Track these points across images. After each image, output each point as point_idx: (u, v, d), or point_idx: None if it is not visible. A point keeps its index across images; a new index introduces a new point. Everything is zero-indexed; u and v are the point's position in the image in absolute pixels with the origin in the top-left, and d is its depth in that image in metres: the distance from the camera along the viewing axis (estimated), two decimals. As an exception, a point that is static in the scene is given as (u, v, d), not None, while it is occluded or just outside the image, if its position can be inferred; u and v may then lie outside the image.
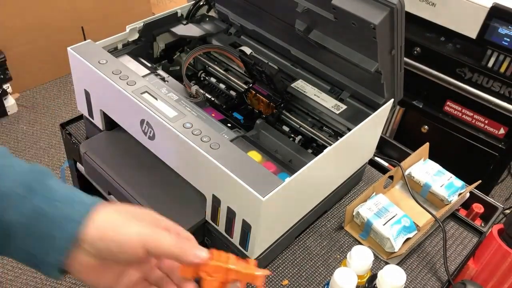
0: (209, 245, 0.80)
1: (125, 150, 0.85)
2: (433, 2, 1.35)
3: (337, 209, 0.91)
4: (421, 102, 1.53)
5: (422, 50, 1.44)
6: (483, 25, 1.29)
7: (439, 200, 0.91)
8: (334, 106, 0.87)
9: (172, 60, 1.03)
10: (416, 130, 1.57)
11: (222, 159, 0.67)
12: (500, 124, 1.40)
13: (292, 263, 0.81)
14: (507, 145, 1.41)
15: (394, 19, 0.69)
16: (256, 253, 0.73)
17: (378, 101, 0.85)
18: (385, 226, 0.82)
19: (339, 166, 0.84)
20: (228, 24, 1.05)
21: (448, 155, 1.50)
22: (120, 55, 0.92)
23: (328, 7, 0.73)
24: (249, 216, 0.67)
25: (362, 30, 0.71)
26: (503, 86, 1.35)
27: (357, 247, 0.71)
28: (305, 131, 0.88)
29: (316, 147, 0.87)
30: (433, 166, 0.95)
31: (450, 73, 1.42)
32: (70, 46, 0.83)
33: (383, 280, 0.65)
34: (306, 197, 0.79)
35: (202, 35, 1.00)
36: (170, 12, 0.99)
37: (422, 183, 0.92)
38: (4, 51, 2.14)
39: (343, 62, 0.85)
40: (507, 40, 1.27)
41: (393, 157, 1.03)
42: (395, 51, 0.76)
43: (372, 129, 0.86)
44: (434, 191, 0.90)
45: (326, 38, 0.84)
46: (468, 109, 1.44)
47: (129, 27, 0.92)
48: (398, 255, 0.82)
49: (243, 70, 0.97)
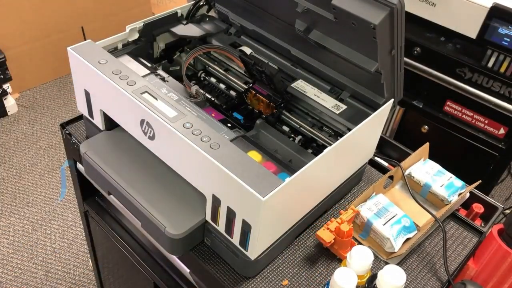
0: (209, 245, 0.80)
1: (125, 150, 0.85)
2: (433, 2, 1.35)
3: (337, 209, 0.91)
4: (421, 102, 1.53)
5: (422, 50, 1.44)
6: (483, 25, 1.29)
7: (439, 200, 0.91)
8: (334, 106, 0.87)
9: (172, 60, 1.03)
10: (416, 130, 1.57)
11: (222, 159, 0.67)
12: (500, 124, 1.40)
13: (292, 263, 0.81)
14: (507, 145, 1.41)
15: (394, 19, 0.69)
16: (256, 253, 0.73)
17: (378, 101, 0.85)
18: (385, 226, 0.82)
19: (339, 166, 0.84)
20: (228, 24, 1.05)
21: (448, 155, 1.50)
22: (120, 55, 0.92)
23: (328, 7, 0.73)
24: (249, 216, 0.67)
25: (362, 30, 0.71)
26: (503, 86, 1.35)
27: (357, 247, 0.71)
28: (305, 131, 0.88)
29: (316, 147, 0.87)
30: (433, 166, 0.95)
31: (450, 73, 1.42)
32: (70, 46, 0.83)
33: (383, 280, 0.65)
34: (306, 197, 0.79)
35: (202, 35, 1.00)
36: (170, 12, 0.99)
37: (422, 183, 0.92)
38: (4, 51, 2.14)
39: (343, 62, 0.85)
40: (507, 40, 1.27)
41: (393, 157, 1.03)
42: (395, 51, 0.76)
43: (372, 129, 0.86)
44: (434, 191, 0.90)
45: (326, 38, 0.84)
46: (468, 109, 1.44)
47: (129, 27, 0.92)
48: (398, 255, 0.82)
49: (243, 70, 0.98)
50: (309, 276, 0.80)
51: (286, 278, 0.79)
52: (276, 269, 0.80)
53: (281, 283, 0.78)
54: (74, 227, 1.89)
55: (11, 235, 1.84)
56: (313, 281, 0.79)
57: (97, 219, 1.11)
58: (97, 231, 1.18)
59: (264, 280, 0.78)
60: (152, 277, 0.99)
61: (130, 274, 1.09)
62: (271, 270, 0.80)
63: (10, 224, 1.88)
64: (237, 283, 0.77)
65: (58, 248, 1.82)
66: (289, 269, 0.81)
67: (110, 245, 1.10)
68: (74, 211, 1.95)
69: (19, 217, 1.91)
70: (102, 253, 1.28)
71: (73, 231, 1.88)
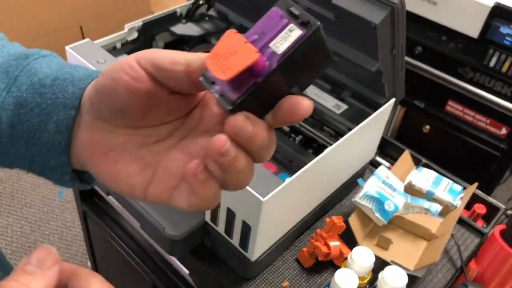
0: (209, 246, 0.80)
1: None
2: (435, 1, 1.34)
3: (338, 210, 0.91)
4: (423, 102, 1.52)
5: (424, 49, 1.43)
6: (485, 24, 1.28)
7: (444, 205, 0.89)
8: (334, 106, 0.87)
9: (172, 60, 1.02)
10: (417, 130, 1.56)
11: (222, 160, 0.66)
12: (502, 124, 1.39)
13: (292, 265, 0.81)
14: (509, 145, 1.40)
15: (395, 18, 0.69)
16: (256, 254, 0.72)
17: (379, 100, 0.84)
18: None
19: (340, 166, 0.83)
20: (228, 23, 1.05)
21: (450, 155, 1.49)
22: (119, 54, 0.91)
23: (329, 7, 0.72)
24: (249, 217, 0.66)
25: (363, 30, 0.70)
26: (505, 86, 1.34)
27: (357, 248, 0.70)
28: (306, 131, 0.88)
29: (316, 147, 0.86)
30: (429, 173, 0.93)
31: (451, 72, 1.41)
32: (69, 45, 0.82)
33: (384, 282, 0.65)
34: (307, 197, 0.78)
35: (201, 34, 0.99)
36: (169, 11, 0.98)
37: (425, 191, 0.89)
38: (3, 51, 2.14)
39: (344, 62, 0.84)
40: (509, 40, 1.27)
41: (395, 157, 1.02)
42: (396, 50, 0.75)
43: (373, 129, 0.85)
44: (438, 197, 0.88)
45: (326, 37, 0.83)
46: (470, 109, 1.43)
47: (128, 26, 0.91)
48: (422, 267, 0.80)
49: (243, 70, 0.97)
50: (310, 277, 0.79)
51: (286, 279, 0.79)
52: (276, 270, 0.80)
53: (281, 284, 0.78)
54: (72, 228, 1.89)
55: (9, 236, 1.83)
56: (313, 282, 0.78)
57: (96, 220, 1.10)
58: (96, 232, 1.18)
59: (264, 282, 0.78)
60: (151, 279, 0.99)
61: (129, 275, 1.08)
62: (271, 271, 0.79)
63: (8, 225, 1.87)
64: (237, 285, 0.77)
65: (57, 249, 1.81)
66: (289, 271, 0.80)
67: (109, 246, 1.10)
68: (72, 211, 1.94)
69: (17, 217, 1.90)
70: (101, 254, 1.27)
71: (72, 232, 1.87)
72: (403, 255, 0.81)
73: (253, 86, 0.28)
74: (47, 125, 0.35)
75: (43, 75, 0.36)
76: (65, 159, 0.36)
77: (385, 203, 0.80)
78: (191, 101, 0.34)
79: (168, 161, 0.34)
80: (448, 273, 0.83)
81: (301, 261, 0.80)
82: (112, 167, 0.34)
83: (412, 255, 0.82)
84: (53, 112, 0.35)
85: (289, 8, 0.28)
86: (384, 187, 0.82)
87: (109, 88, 0.32)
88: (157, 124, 0.34)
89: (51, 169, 0.37)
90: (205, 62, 0.28)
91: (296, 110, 0.29)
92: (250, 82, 0.28)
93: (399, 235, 0.85)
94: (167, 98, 0.33)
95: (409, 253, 0.82)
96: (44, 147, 0.36)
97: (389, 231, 0.85)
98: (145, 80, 0.32)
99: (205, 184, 0.31)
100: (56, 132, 0.35)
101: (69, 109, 0.35)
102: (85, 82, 0.35)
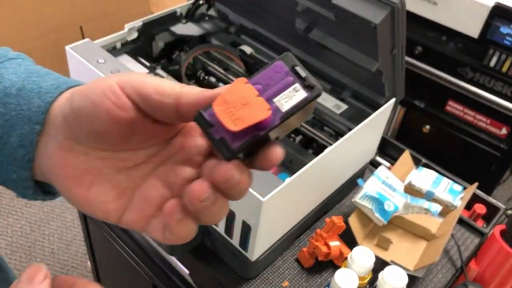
0: (209, 246, 0.80)
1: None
2: (435, 1, 1.34)
3: (338, 210, 0.90)
4: (423, 102, 1.52)
5: (424, 49, 1.43)
6: (485, 24, 1.28)
7: (444, 206, 0.89)
8: (334, 106, 0.87)
9: (171, 60, 1.02)
10: (417, 130, 1.56)
11: (222, 160, 0.66)
12: (502, 124, 1.39)
13: (292, 265, 0.81)
14: (509, 145, 1.40)
15: (395, 18, 0.69)
16: (256, 254, 0.72)
17: (379, 100, 0.84)
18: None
19: (340, 166, 0.83)
20: (228, 23, 1.05)
21: (450, 155, 1.49)
22: (118, 54, 0.91)
23: (329, 6, 0.72)
24: (249, 217, 0.66)
25: (363, 30, 0.70)
26: (505, 86, 1.34)
27: (357, 248, 0.70)
28: (306, 131, 0.88)
29: (316, 147, 0.86)
30: (430, 173, 0.93)
31: (451, 72, 1.41)
32: (69, 45, 0.82)
33: (384, 282, 0.65)
34: (307, 197, 0.78)
35: (201, 34, 0.99)
36: (169, 11, 0.98)
37: (425, 191, 0.89)
38: (3, 51, 2.14)
39: (344, 62, 0.84)
40: (509, 40, 1.27)
41: (395, 157, 1.02)
42: (396, 50, 0.75)
43: (373, 129, 0.85)
44: (438, 198, 0.88)
45: (326, 37, 0.83)
46: (470, 109, 1.43)
47: (128, 26, 0.91)
48: (422, 267, 0.79)
49: (243, 70, 0.97)
50: (310, 277, 0.79)
51: (286, 279, 0.78)
52: (276, 270, 0.80)
53: (281, 284, 0.78)
54: (72, 227, 1.89)
55: (9, 236, 1.83)
56: (313, 282, 0.78)
57: (96, 219, 1.10)
58: (96, 232, 1.17)
59: (264, 282, 0.78)
60: (151, 279, 0.99)
61: (129, 275, 1.08)
62: (271, 271, 0.79)
63: (8, 225, 1.87)
64: (237, 285, 0.77)
65: (57, 249, 1.81)
66: (290, 271, 0.80)
67: (109, 246, 1.10)
68: (72, 211, 1.94)
69: (17, 217, 1.90)
70: (101, 254, 1.27)
71: (72, 232, 1.87)
72: (403, 255, 0.81)
73: (253, 138, 0.29)
74: (10, 137, 0.34)
75: (9, 83, 0.35)
76: (28, 174, 0.34)
77: (385, 203, 0.80)
78: (173, 128, 0.33)
79: (145, 189, 0.33)
80: (448, 273, 0.83)
81: (301, 261, 0.80)
82: (85, 192, 0.32)
83: (412, 255, 0.82)
84: (17, 124, 0.33)
85: (294, 67, 0.29)
86: (384, 187, 0.82)
87: (89, 112, 0.30)
88: (136, 148, 0.33)
89: (13, 182, 0.35)
90: (213, 107, 0.28)
91: (272, 157, 0.30)
92: (252, 133, 0.28)
93: (399, 235, 0.85)
94: (150, 126, 0.32)
95: (409, 253, 0.82)
96: (6, 159, 0.34)
97: (389, 231, 0.85)
98: (129, 108, 0.30)
99: (181, 222, 0.30)
100: (19, 146, 0.33)
101: (33, 123, 0.33)
102: (52, 96, 0.34)
